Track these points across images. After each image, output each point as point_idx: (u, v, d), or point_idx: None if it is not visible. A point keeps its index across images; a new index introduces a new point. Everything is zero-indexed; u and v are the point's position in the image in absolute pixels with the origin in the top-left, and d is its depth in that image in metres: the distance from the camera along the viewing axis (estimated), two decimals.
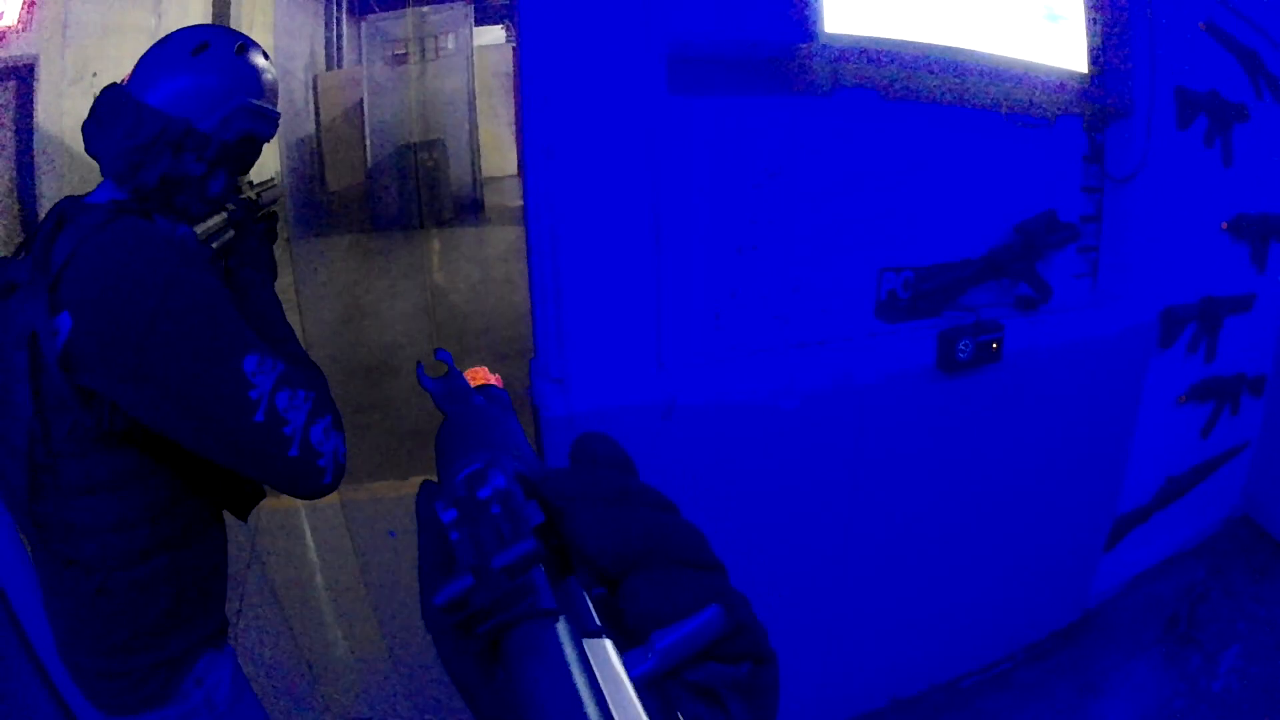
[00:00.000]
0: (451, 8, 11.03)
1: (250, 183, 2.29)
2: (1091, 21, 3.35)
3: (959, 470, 3.40)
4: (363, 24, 10.98)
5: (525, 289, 2.91)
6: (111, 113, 1.74)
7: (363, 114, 11.01)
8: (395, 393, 6.08)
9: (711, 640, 0.48)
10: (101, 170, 1.81)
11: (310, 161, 12.15)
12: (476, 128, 11.20)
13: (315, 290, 8.25)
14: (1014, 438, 3.48)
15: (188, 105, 1.77)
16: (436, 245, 9.81)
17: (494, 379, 0.97)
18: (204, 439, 1.66)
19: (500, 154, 12.99)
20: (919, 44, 3.03)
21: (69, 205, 1.75)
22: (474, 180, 11.22)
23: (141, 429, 1.64)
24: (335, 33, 15.28)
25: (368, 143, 10.85)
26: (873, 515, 3.27)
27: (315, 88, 12.71)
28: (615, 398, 2.81)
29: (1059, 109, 3.37)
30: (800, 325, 3.14)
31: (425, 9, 10.97)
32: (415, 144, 10.70)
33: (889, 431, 3.26)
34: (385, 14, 10.92)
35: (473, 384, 0.93)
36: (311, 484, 1.74)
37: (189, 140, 1.76)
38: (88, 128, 1.78)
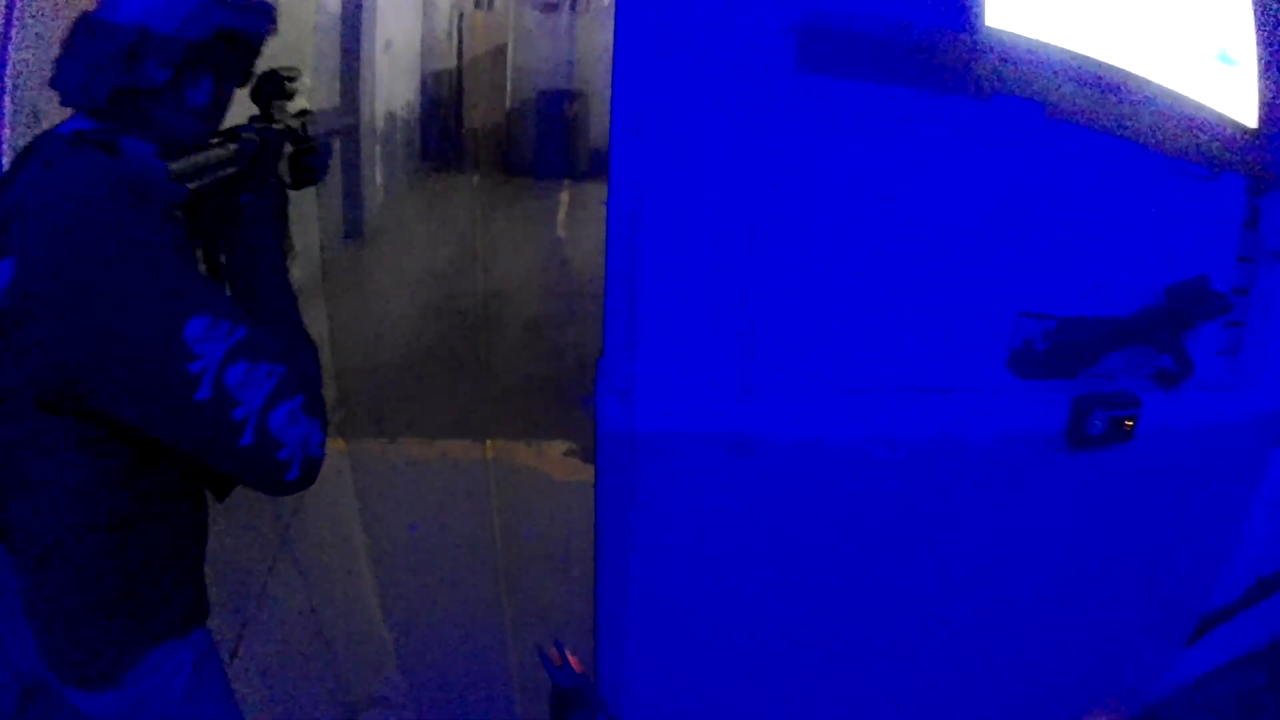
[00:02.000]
0: None
1: (284, 109, 1.97)
2: (1266, 72, 2.83)
3: (1059, 546, 2.99)
4: None
5: None
6: (73, 38, 1.52)
7: (506, 57, 10.81)
8: (492, 348, 5.85)
9: None
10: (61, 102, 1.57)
11: (449, 96, 12.07)
12: None
13: (432, 227, 8.09)
14: (1122, 519, 3.04)
15: (142, 9, 1.51)
16: (565, 198, 9.57)
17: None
18: (143, 415, 1.40)
19: None
20: (1091, 59, 2.54)
21: (39, 139, 1.54)
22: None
23: (80, 395, 1.41)
24: None
25: (508, 86, 10.64)
26: (963, 582, 2.89)
27: (461, 24, 12.62)
28: (687, 422, 2.45)
29: (1223, 163, 2.87)
30: (917, 366, 2.69)
31: None
32: (556, 93, 10.46)
33: (993, 500, 2.83)
34: None
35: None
36: (270, 480, 1.42)
37: (146, 46, 1.48)
38: (56, 61, 1.55)
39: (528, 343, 5.83)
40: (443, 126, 11.36)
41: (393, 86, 8.81)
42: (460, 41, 12.63)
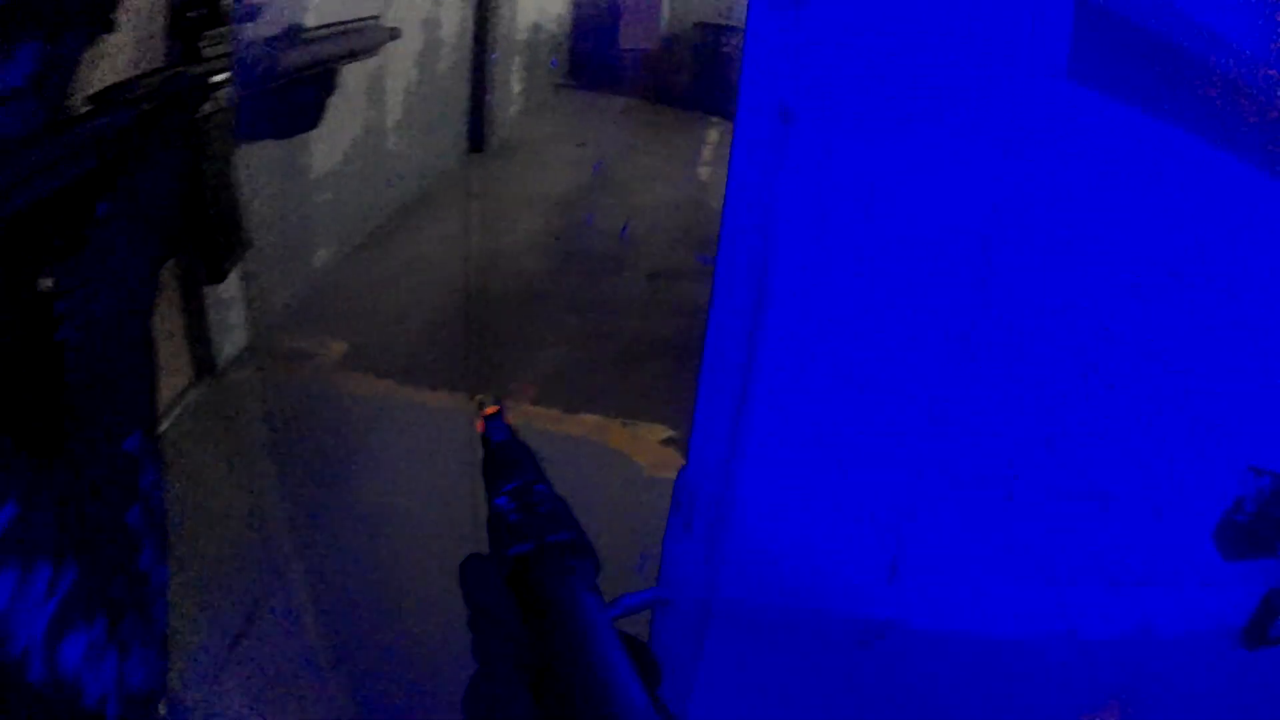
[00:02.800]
0: None
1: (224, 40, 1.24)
2: None
3: None
4: None
5: None
6: None
7: None
8: (609, 296, 5.15)
9: None
10: None
11: (602, 13, 11.36)
12: None
13: (566, 150, 7.37)
14: None
15: None
16: (714, 136, 8.77)
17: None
18: None
19: None
20: None
21: None
22: None
23: None
24: None
25: (664, 11, 9.84)
26: None
27: None
28: (799, 595, 1.61)
29: None
30: (1113, 546, 1.71)
31: None
32: (716, 25, 9.63)
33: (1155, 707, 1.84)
34: None
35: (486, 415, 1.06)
36: None
37: None
38: None
39: (650, 296, 5.10)
40: (594, 44, 10.67)
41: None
42: None
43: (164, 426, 3.28)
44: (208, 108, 1.36)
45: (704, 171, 7.71)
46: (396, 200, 5.48)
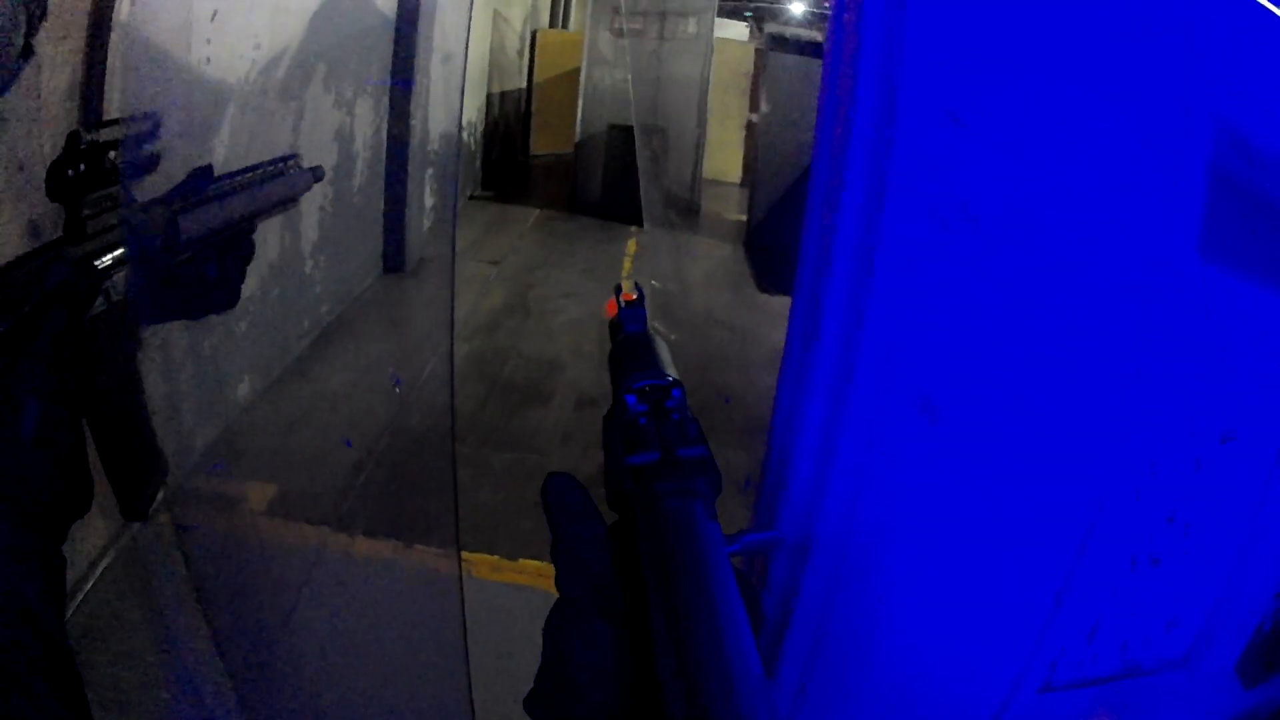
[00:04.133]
0: None
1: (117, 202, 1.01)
2: None
3: None
4: None
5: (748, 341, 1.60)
6: None
7: (579, 81, 9.94)
8: (537, 428, 4.91)
9: None
10: None
11: (514, 119, 11.27)
12: (706, 123, 10.02)
13: (479, 269, 7.16)
14: None
15: None
16: (633, 248, 8.65)
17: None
18: None
19: (725, 157, 11.84)
20: None
21: None
22: (693, 180, 10.05)
23: None
24: None
25: (579, 114, 9.76)
26: None
27: (533, 43, 11.85)
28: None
29: None
30: None
31: None
32: (629, 127, 9.57)
33: None
34: None
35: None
36: None
37: None
38: None
39: (578, 426, 4.88)
40: (507, 151, 10.54)
41: (450, 105, 7.97)
42: (532, 61, 11.86)
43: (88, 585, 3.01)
44: (99, 304, 1.05)
45: (625, 284, 7.56)
46: (316, 326, 5.21)
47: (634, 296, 0.96)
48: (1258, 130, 1.20)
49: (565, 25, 13.70)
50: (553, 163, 11.54)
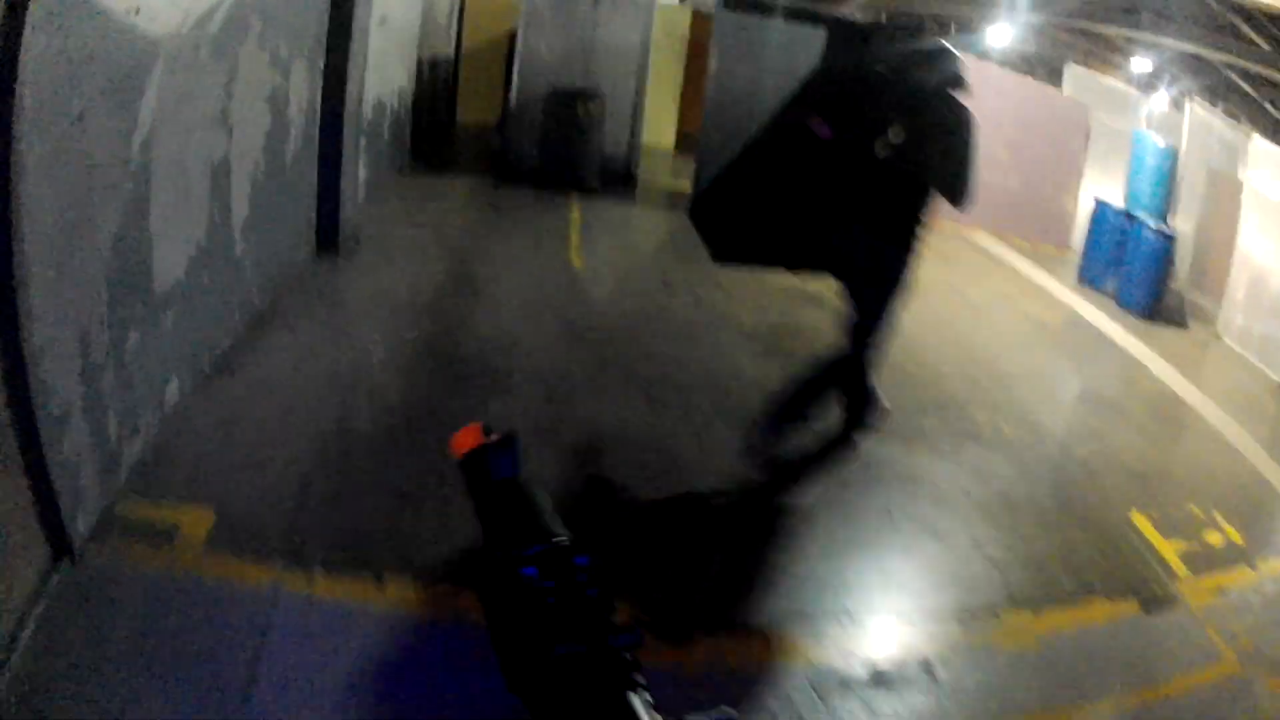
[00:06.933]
0: None
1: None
2: None
3: None
4: None
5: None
6: None
7: (512, 45, 9.36)
8: (501, 425, 4.30)
9: None
10: None
11: (442, 87, 10.60)
12: (645, 88, 9.52)
13: (409, 253, 6.50)
14: None
15: None
16: (576, 216, 8.09)
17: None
18: None
19: (659, 125, 11.34)
20: None
21: None
22: (629, 148, 9.56)
23: None
24: None
25: (516, 79, 9.18)
26: None
27: (462, 6, 11.16)
28: None
29: None
30: None
31: None
32: (571, 91, 9.02)
33: None
34: None
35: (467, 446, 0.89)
36: None
37: None
38: None
39: (552, 423, 4.31)
40: (434, 122, 9.88)
41: (386, 72, 7.37)
42: (460, 24, 11.21)
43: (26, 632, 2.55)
44: None
45: (574, 258, 7.03)
46: (247, 313, 4.65)
47: (496, 437, 0.89)
48: None
49: None
50: (478, 132, 10.90)
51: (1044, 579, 3.77)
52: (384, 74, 7.32)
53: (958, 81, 4.01)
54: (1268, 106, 15.72)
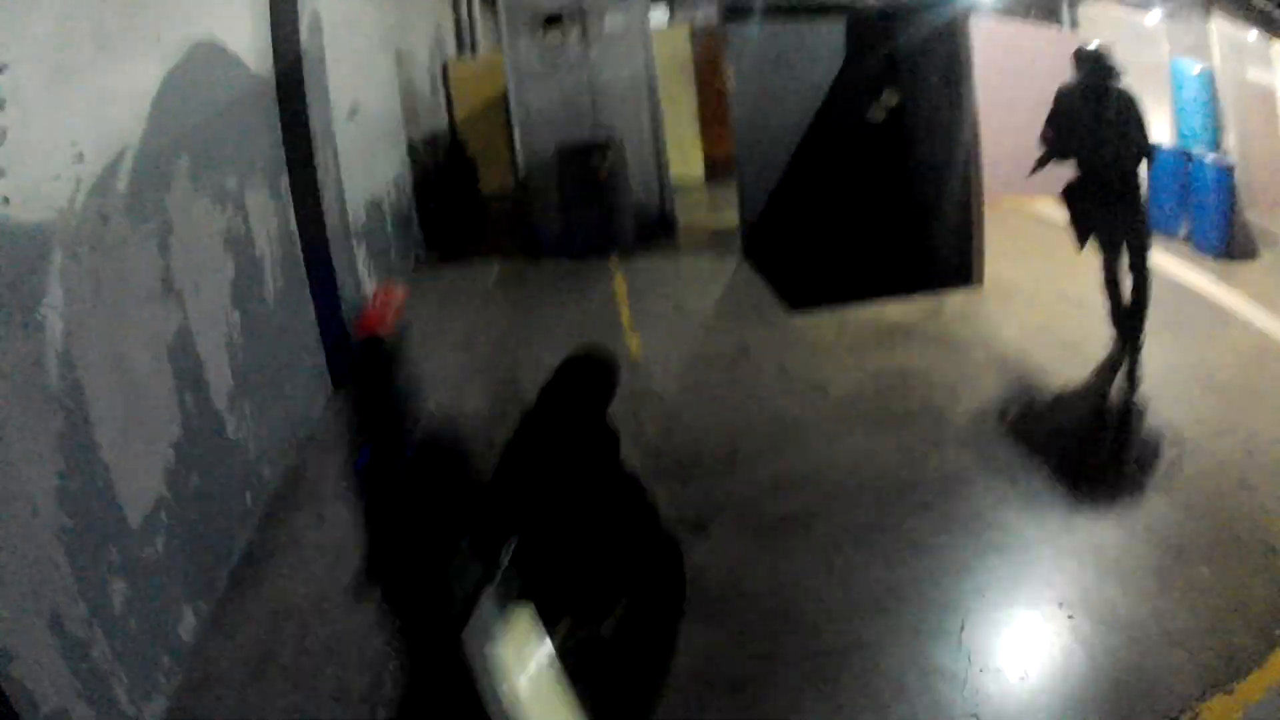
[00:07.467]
0: None
1: None
2: None
3: None
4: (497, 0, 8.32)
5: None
6: None
7: (507, 108, 8.43)
8: None
9: None
10: None
11: (448, 162, 9.78)
12: (661, 121, 8.53)
13: (436, 365, 5.50)
14: None
15: None
16: (621, 287, 7.08)
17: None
18: None
19: (683, 156, 10.21)
20: None
21: None
22: (661, 189, 8.57)
23: None
24: (465, 12, 12.84)
25: (517, 143, 8.26)
26: None
27: (445, 76, 10.33)
28: None
29: None
30: None
31: None
32: (582, 145, 8.09)
33: None
34: None
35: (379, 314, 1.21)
36: None
37: None
38: None
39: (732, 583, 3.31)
40: (446, 204, 9.00)
41: (370, 164, 6.56)
42: (449, 98, 10.37)
43: None
44: None
45: (633, 345, 6.01)
46: (255, 509, 3.80)
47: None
48: None
49: (473, 51, 12.30)
50: (499, 201, 9.96)
51: (1228, 646, 2.90)
52: (369, 168, 6.53)
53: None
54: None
